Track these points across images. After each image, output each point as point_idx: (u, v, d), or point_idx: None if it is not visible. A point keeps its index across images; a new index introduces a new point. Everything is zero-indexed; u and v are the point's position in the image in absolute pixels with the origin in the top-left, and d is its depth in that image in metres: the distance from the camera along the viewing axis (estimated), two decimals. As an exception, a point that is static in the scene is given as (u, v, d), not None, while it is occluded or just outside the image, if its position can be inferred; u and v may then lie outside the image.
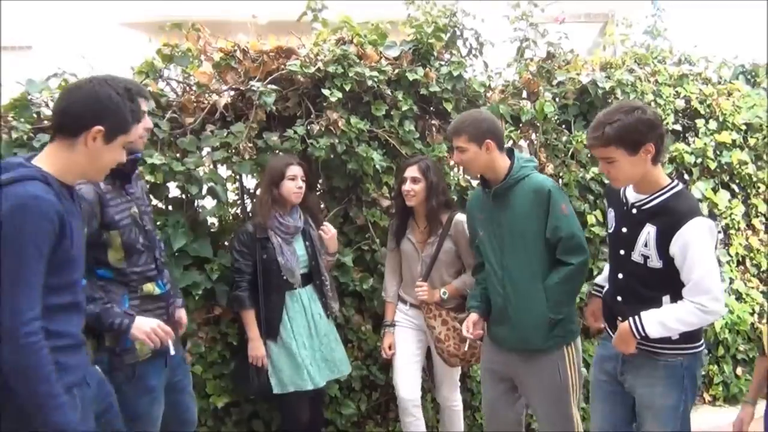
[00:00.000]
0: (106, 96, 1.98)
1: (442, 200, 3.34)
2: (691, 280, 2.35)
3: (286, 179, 3.19)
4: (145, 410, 2.51)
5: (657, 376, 2.50)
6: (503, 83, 4.34)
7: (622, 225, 2.56)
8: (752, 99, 5.09)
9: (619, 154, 2.38)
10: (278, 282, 3.19)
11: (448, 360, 3.32)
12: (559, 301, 2.82)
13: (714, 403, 4.81)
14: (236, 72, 3.48)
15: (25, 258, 1.81)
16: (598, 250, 4.36)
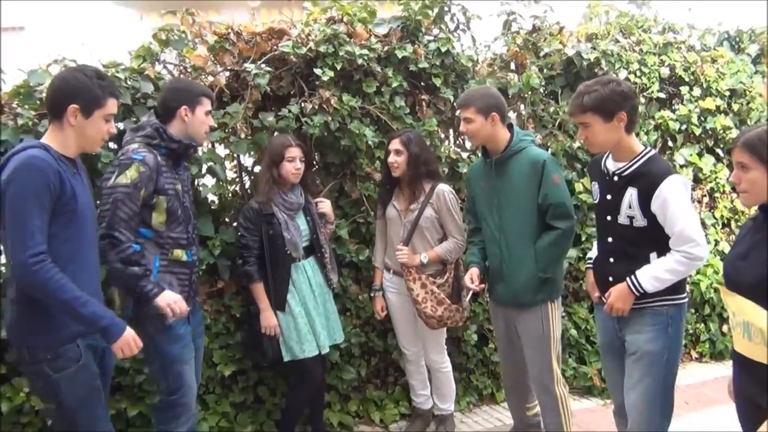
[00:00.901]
0: (73, 78, 2.33)
1: (423, 171, 3.51)
2: (674, 233, 2.60)
3: (285, 160, 3.34)
4: (178, 355, 2.81)
5: (643, 323, 2.72)
6: (491, 56, 4.46)
7: (606, 193, 2.79)
8: (736, 65, 5.20)
9: (595, 121, 2.67)
10: (283, 256, 3.35)
11: (427, 321, 3.50)
12: (548, 261, 3.14)
13: (701, 360, 5.00)
14: (231, 54, 3.60)
15: (26, 206, 2.15)
16: (586, 216, 4.52)
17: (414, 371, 3.78)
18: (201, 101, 2.88)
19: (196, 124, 2.88)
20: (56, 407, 2.33)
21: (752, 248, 2.22)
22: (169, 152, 2.81)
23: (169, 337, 2.77)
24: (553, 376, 3.22)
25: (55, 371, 2.27)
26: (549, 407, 3.26)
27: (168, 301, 2.66)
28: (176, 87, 2.96)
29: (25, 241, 2.15)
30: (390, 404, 4.03)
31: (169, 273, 2.80)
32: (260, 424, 3.70)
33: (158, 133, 2.78)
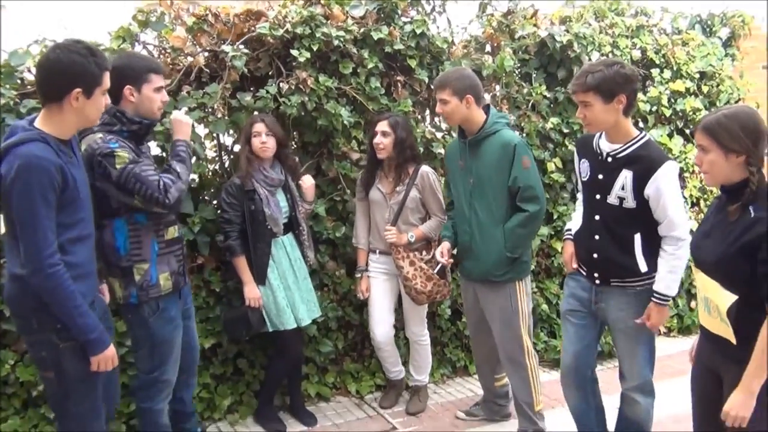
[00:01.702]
0: (71, 61, 2.25)
1: (409, 154, 3.63)
2: (666, 217, 2.71)
3: (252, 137, 3.43)
4: (170, 337, 2.90)
5: (627, 302, 2.86)
6: (467, 39, 4.55)
7: (598, 173, 2.87)
8: (707, 48, 5.33)
9: (595, 100, 2.72)
10: (264, 231, 3.45)
11: (416, 298, 3.63)
12: (515, 242, 3.24)
13: (668, 335, 5.19)
14: (209, 35, 3.68)
15: (35, 207, 2.17)
16: (558, 195, 4.66)
17: (384, 356, 3.89)
18: (148, 78, 2.74)
19: (145, 102, 2.75)
20: (56, 376, 2.38)
21: (714, 227, 2.33)
22: (131, 134, 2.73)
23: (161, 319, 2.85)
24: (523, 349, 3.36)
25: (63, 340, 2.34)
26: (519, 378, 3.40)
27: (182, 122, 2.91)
28: (118, 65, 2.69)
29: (39, 243, 2.20)
30: (366, 376, 4.17)
31: (167, 253, 2.86)
32: (240, 395, 3.83)
33: (117, 118, 2.70)
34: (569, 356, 3.08)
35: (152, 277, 2.80)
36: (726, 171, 2.25)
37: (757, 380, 2.15)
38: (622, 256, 2.82)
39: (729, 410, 2.20)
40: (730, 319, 2.23)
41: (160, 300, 2.83)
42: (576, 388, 3.10)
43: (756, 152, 2.21)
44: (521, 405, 3.42)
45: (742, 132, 2.19)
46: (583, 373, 3.07)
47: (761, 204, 2.18)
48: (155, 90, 2.77)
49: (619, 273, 2.85)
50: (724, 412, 2.21)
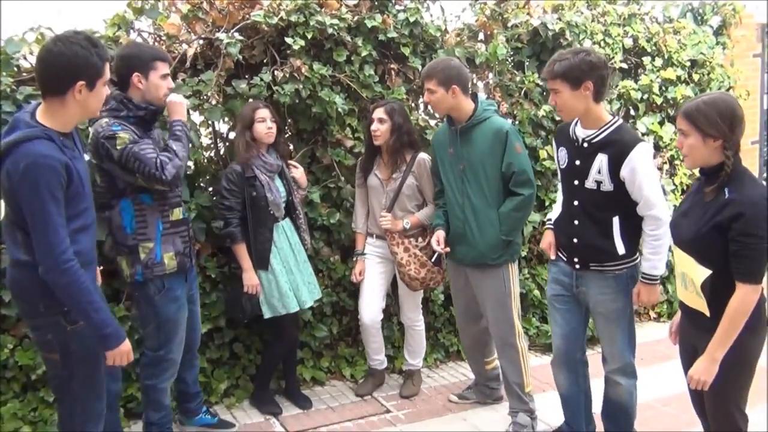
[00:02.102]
0: (74, 54, 2.22)
1: (406, 140, 3.67)
2: (642, 197, 2.79)
3: (256, 122, 3.46)
4: (174, 316, 3.02)
5: (607, 285, 2.95)
6: (460, 27, 4.58)
7: (575, 159, 2.96)
8: (698, 36, 5.37)
9: (563, 87, 2.82)
10: (266, 216, 3.49)
11: (410, 283, 3.69)
12: (510, 225, 3.33)
13: (659, 320, 5.26)
14: (204, 23, 3.70)
15: (45, 206, 2.19)
16: (550, 182, 4.71)
17: (369, 339, 3.93)
18: (154, 66, 2.88)
19: (151, 89, 2.89)
20: (61, 358, 2.41)
21: (692, 207, 2.47)
22: (138, 120, 2.88)
23: (166, 297, 2.98)
24: (514, 331, 3.43)
25: (70, 323, 2.37)
26: (510, 359, 3.46)
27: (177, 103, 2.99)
28: (126, 54, 2.92)
29: (52, 241, 2.21)
30: (360, 360, 4.23)
31: (173, 234, 2.99)
32: (236, 379, 3.90)
33: (123, 104, 2.84)
34: (559, 339, 3.17)
35: (157, 256, 2.94)
36: (704, 154, 2.36)
37: (720, 348, 2.31)
38: (600, 240, 2.90)
39: (693, 374, 2.37)
40: (704, 293, 2.36)
41: (165, 279, 2.96)
42: (567, 370, 3.18)
43: (732, 137, 2.33)
44: (512, 386, 3.49)
45: (719, 118, 2.31)
46: (573, 355, 3.15)
47: (734, 186, 2.31)
48: (161, 77, 2.91)
49: (598, 257, 2.93)
50: (689, 376, 2.39)
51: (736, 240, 2.26)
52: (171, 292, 2.99)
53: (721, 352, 2.31)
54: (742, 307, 2.28)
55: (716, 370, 2.32)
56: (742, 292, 2.28)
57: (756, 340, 2.38)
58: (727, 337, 2.30)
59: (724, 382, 2.35)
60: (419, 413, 3.78)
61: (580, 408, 3.24)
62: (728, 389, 2.38)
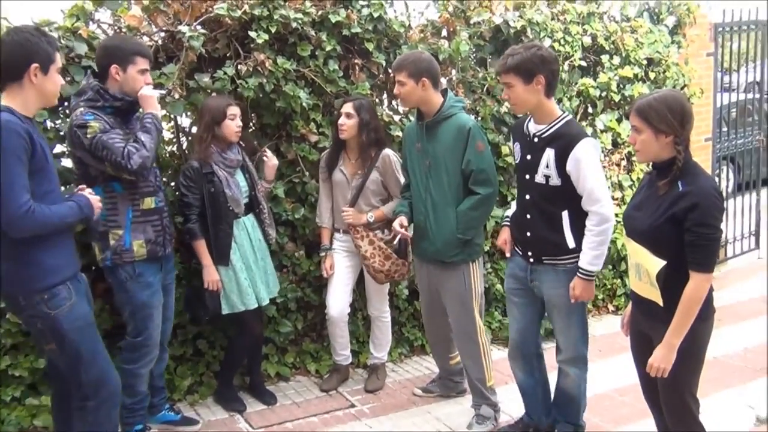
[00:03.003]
0: (25, 40, 2.43)
1: (372, 137, 3.68)
2: (585, 191, 2.87)
3: (227, 119, 3.44)
4: (147, 301, 3.08)
5: (559, 279, 3.02)
6: (423, 23, 4.61)
7: (526, 153, 3.03)
8: (654, 35, 5.50)
9: (516, 81, 2.90)
10: (225, 212, 3.47)
11: (375, 276, 3.71)
12: (467, 224, 3.33)
13: (617, 313, 5.36)
14: (166, 15, 3.64)
15: (8, 165, 2.32)
16: (512, 177, 4.76)
17: (337, 333, 3.93)
18: (133, 60, 2.95)
19: (129, 81, 2.95)
20: (58, 345, 2.54)
21: (645, 200, 2.55)
22: (115, 110, 2.93)
23: (139, 283, 3.05)
24: (475, 328, 3.46)
25: (53, 308, 2.49)
26: (472, 355, 3.50)
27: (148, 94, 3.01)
28: (108, 45, 3.02)
29: (17, 198, 2.33)
30: (325, 356, 4.23)
31: (143, 222, 3.03)
32: (200, 375, 3.87)
33: (99, 95, 2.88)
34: (514, 332, 3.25)
35: (125, 243, 3.00)
36: (656, 149, 2.44)
37: (677, 336, 2.40)
38: (551, 234, 2.97)
39: (652, 362, 2.45)
40: (658, 283, 2.44)
41: (136, 265, 3.01)
42: (522, 362, 3.27)
43: (682, 132, 2.42)
44: (474, 381, 3.54)
45: (669, 114, 2.39)
46: (529, 348, 3.24)
47: (687, 179, 2.40)
48: (140, 71, 2.97)
49: (549, 250, 3.00)
50: (649, 364, 2.47)
51: (691, 230, 2.34)
52: (142, 278, 3.04)
53: (678, 339, 2.40)
54: (697, 295, 2.37)
55: (674, 357, 2.41)
56: (697, 280, 2.36)
57: (706, 326, 2.48)
58: (684, 325, 2.39)
59: (678, 369, 2.43)
60: (384, 407, 3.81)
61: (537, 399, 3.32)
62: (682, 375, 2.46)
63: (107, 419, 2.70)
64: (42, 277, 2.49)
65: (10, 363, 3.28)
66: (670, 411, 2.58)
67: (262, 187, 3.70)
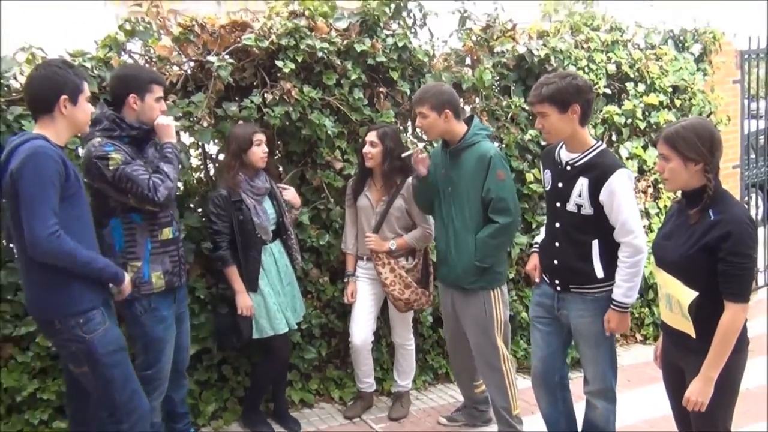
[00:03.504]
0: (53, 73, 2.54)
1: (397, 164, 3.71)
2: (618, 222, 2.83)
3: (253, 146, 3.49)
4: (160, 335, 3.05)
5: (585, 309, 2.98)
6: (447, 52, 4.65)
7: (558, 181, 3.01)
8: (679, 63, 5.49)
9: (551, 111, 2.87)
10: (254, 240, 3.51)
11: (395, 304, 3.71)
12: (485, 252, 3.32)
13: (645, 342, 5.28)
14: (195, 45, 3.73)
15: (42, 190, 2.41)
16: (537, 204, 4.76)
17: (361, 361, 3.93)
18: (150, 88, 2.97)
19: (146, 110, 2.97)
20: (91, 369, 2.59)
21: (675, 230, 2.51)
22: (131, 139, 2.95)
23: (154, 318, 3.02)
24: (499, 355, 3.42)
25: (88, 332, 2.56)
26: (495, 384, 3.47)
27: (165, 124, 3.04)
28: (124, 74, 3.03)
29: (45, 221, 2.41)
30: (349, 383, 4.21)
31: (162, 253, 3.03)
32: (224, 401, 3.87)
33: (116, 124, 2.90)
34: (537, 361, 3.20)
35: (145, 275, 2.97)
36: (685, 178, 2.41)
37: (714, 369, 2.34)
38: (580, 263, 2.93)
39: (689, 396, 2.39)
40: (690, 314, 2.39)
41: (152, 298, 2.98)
42: (545, 392, 3.21)
43: (712, 160, 2.38)
44: (499, 410, 3.50)
45: (698, 141, 2.36)
46: (552, 378, 3.18)
47: (719, 208, 2.36)
48: (156, 100, 3.01)
49: (577, 279, 2.96)
50: (685, 398, 2.40)
51: (725, 260, 2.29)
52: (157, 312, 3.02)
53: (715, 372, 2.34)
54: (734, 326, 2.31)
55: (711, 391, 2.34)
56: (733, 311, 2.31)
57: (740, 357, 2.42)
58: (721, 357, 2.33)
59: (713, 402, 2.37)
60: (408, 435, 3.78)
61: (560, 431, 3.24)
62: (717, 408, 2.40)
63: None
64: (77, 302, 2.55)
65: (39, 386, 3.32)
66: None
67: (290, 214, 3.73)
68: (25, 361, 3.28)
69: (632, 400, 4.04)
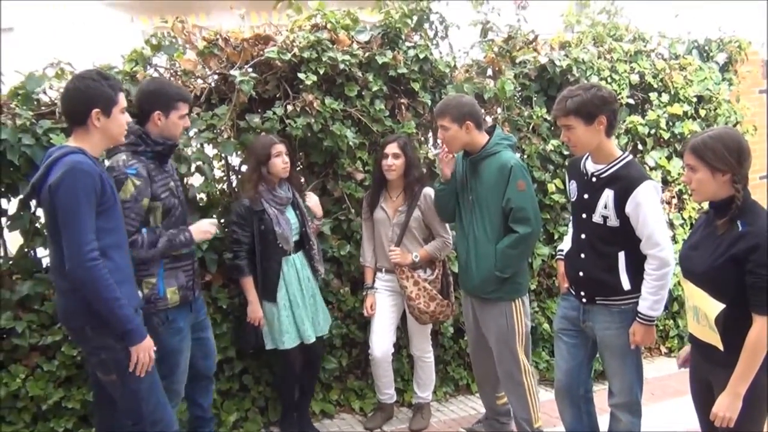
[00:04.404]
0: (85, 86, 2.53)
1: (417, 174, 3.73)
2: (644, 235, 2.79)
3: (273, 157, 3.51)
4: (177, 347, 3.05)
5: (612, 320, 2.94)
6: (469, 63, 4.66)
7: (583, 192, 2.98)
8: (704, 73, 5.43)
9: (577, 123, 2.85)
10: (275, 250, 3.53)
11: (419, 317, 3.70)
12: (505, 262, 3.31)
13: (669, 355, 5.21)
14: (219, 58, 3.79)
15: (79, 206, 2.41)
16: (559, 215, 4.73)
17: (380, 373, 3.93)
18: (176, 106, 2.99)
19: (170, 127, 3.00)
20: (118, 377, 2.60)
21: (702, 240, 2.47)
22: (155, 154, 2.97)
23: (171, 330, 3.03)
24: (520, 367, 3.40)
25: (120, 342, 2.54)
26: (517, 395, 3.45)
27: (203, 236, 3.09)
28: (151, 90, 3.02)
29: (81, 239, 2.41)
30: (369, 393, 4.21)
31: (176, 269, 3.04)
32: (245, 411, 3.89)
33: (142, 139, 2.93)
34: (562, 374, 3.16)
35: (160, 291, 3.00)
36: (713, 188, 2.38)
37: (743, 383, 2.30)
38: (606, 274, 2.90)
39: (717, 411, 2.34)
40: (717, 327, 2.35)
41: (169, 311, 3.00)
42: (569, 405, 3.17)
43: (740, 170, 2.35)
44: (519, 421, 3.48)
45: (726, 152, 2.33)
46: (576, 390, 3.14)
47: (747, 219, 2.32)
48: (180, 117, 3.03)
49: (603, 291, 2.92)
50: (713, 413, 2.35)
51: (753, 272, 2.26)
52: (175, 324, 3.04)
53: (743, 386, 2.30)
54: (762, 339, 2.27)
55: (740, 405, 2.30)
56: (761, 324, 2.27)
57: None
58: (749, 371, 2.29)
59: (742, 416, 2.32)
60: (429, 447, 3.77)
61: None
62: (745, 423, 2.35)
63: None
64: None
65: (64, 395, 3.37)
66: None
67: (313, 224, 3.76)
68: (50, 370, 3.33)
69: (657, 413, 3.98)
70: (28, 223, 3.31)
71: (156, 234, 2.92)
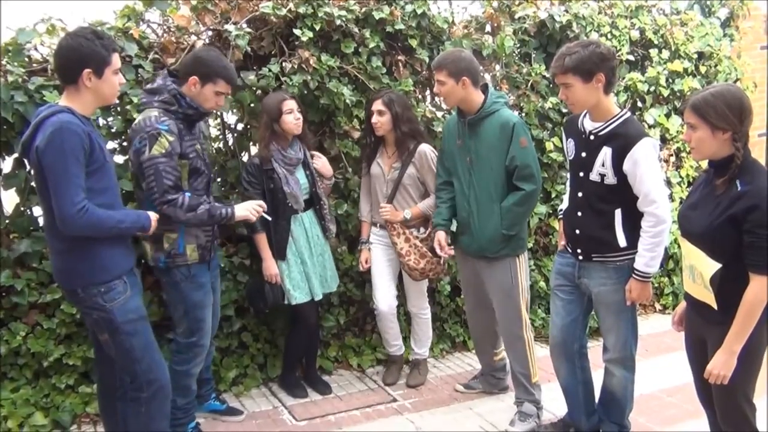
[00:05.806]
0: (78, 44, 2.48)
1: (407, 130, 3.69)
2: (641, 192, 2.79)
3: (284, 114, 3.49)
4: (200, 300, 3.13)
5: (607, 276, 2.97)
6: (467, 19, 4.59)
7: (581, 151, 2.97)
8: (705, 28, 5.36)
9: (575, 81, 2.81)
10: (284, 208, 3.55)
11: (410, 273, 3.73)
12: (511, 220, 3.32)
13: (664, 312, 5.27)
14: (213, 14, 3.71)
15: (66, 164, 2.41)
16: (556, 174, 4.72)
17: (386, 327, 3.97)
18: (215, 81, 2.98)
19: (202, 97, 2.99)
20: (111, 336, 2.64)
21: (701, 200, 2.45)
22: (185, 116, 2.97)
23: (192, 284, 3.09)
24: (521, 322, 3.45)
25: (108, 301, 2.59)
26: (516, 351, 3.50)
27: (245, 213, 3.08)
28: (199, 56, 3.03)
29: (72, 197, 2.42)
30: (367, 350, 4.28)
31: (195, 227, 3.06)
32: (244, 368, 3.94)
33: (176, 100, 2.93)
34: (557, 330, 3.20)
35: (180, 247, 3.04)
36: (713, 147, 2.36)
37: (738, 342, 2.32)
38: (602, 232, 2.91)
39: (712, 369, 2.37)
40: (713, 286, 2.36)
41: (191, 267, 3.06)
42: (564, 360, 3.21)
43: (741, 129, 2.32)
44: (518, 376, 3.52)
45: (727, 109, 2.30)
46: (570, 346, 3.18)
47: (747, 179, 2.30)
48: (216, 93, 3.02)
49: (599, 248, 2.94)
50: (707, 371, 2.38)
51: (751, 232, 2.25)
52: (197, 279, 3.09)
53: (739, 344, 2.32)
54: (758, 299, 2.28)
55: (735, 363, 2.33)
56: (758, 284, 2.27)
57: (763, 330, 2.38)
58: (745, 330, 2.30)
59: (736, 374, 2.35)
60: (426, 402, 3.82)
61: (578, 400, 3.26)
62: (738, 380, 2.38)
63: (159, 411, 2.79)
64: (100, 271, 2.58)
65: (65, 352, 3.41)
66: (724, 415, 2.50)
67: (323, 183, 3.75)
68: (50, 327, 3.36)
69: (650, 369, 4.05)
70: (23, 182, 3.29)
71: (199, 200, 2.94)
